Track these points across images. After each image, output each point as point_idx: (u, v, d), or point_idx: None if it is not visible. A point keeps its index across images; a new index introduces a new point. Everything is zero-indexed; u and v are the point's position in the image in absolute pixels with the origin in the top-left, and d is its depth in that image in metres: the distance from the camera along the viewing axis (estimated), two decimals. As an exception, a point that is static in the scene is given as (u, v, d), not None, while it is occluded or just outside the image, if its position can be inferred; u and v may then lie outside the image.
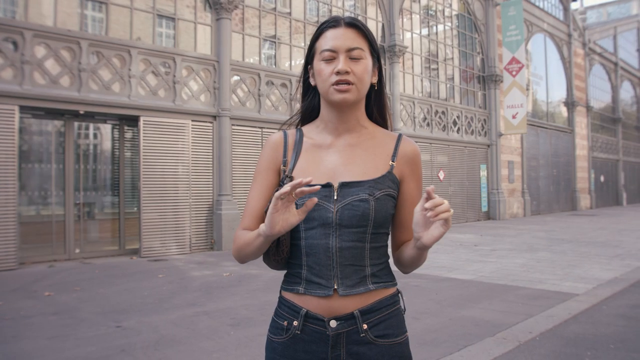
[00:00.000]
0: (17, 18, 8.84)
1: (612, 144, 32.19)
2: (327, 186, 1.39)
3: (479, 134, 19.76)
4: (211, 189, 11.17)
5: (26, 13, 8.88)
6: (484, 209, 19.68)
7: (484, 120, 20.14)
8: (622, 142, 33.47)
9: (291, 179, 1.43)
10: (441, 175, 17.48)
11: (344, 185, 1.39)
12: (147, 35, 10.56)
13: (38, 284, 7.21)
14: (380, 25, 15.96)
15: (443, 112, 18.13)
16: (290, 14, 13.39)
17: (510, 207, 20.71)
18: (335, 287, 1.36)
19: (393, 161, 1.45)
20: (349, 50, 1.39)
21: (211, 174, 11.17)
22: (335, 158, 1.45)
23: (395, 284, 1.47)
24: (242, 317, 5.42)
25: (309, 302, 1.39)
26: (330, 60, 1.39)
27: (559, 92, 26.26)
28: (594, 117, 29.63)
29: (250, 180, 11.36)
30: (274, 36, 13.10)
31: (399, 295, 1.48)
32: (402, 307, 1.48)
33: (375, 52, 1.46)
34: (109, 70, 9.74)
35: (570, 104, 26.59)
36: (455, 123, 18.61)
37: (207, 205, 11.09)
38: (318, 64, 1.42)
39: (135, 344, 4.47)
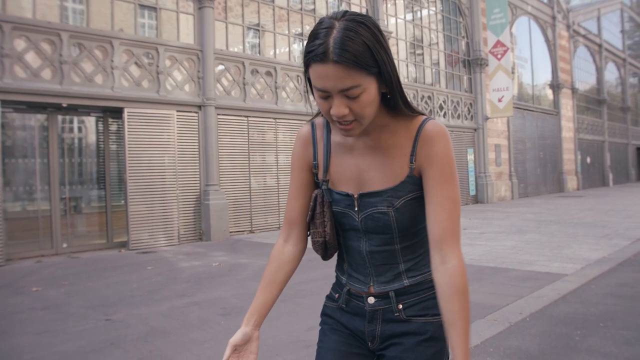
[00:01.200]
0: (-6, 10, 8.69)
1: (597, 126, 32.42)
2: (348, 196, 1.40)
3: (465, 118, 19.79)
4: (198, 179, 11.09)
5: (4, 6, 8.70)
6: (472, 192, 19.77)
7: (470, 104, 20.18)
8: (608, 124, 33.73)
9: (327, 182, 1.44)
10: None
11: (363, 196, 1.38)
12: (129, 25, 10.41)
13: (26, 280, 7.14)
14: (364, 11, 15.86)
15: (429, 97, 18.12)
16: (273, 1, 13.26)
17: (498, 190, 20.82)
18: (371, 284, 1.45)
19: (412, 162, 1.35)
20: (343, 90, 1.21)
21: (198, 164, 11.09)
22: (357, 162, 1.40)
23: None
24: (233, 306, 5.40)
25: (350, 285, 1.50)
26: (325, 97, 1.25)
27: (544, 75, 26.35)
28: (579, 99, 29.79)
29: (238, 170, 11.27)
30: (258, 24, 12.98)
31: None
32: None
33: (377, 68, 1.25)
34: (91, 62, 9.60)
35: (555, 86, 26.69)
36: (441, 108, 18.62)
37: (195, 196, 11.03)
38: (315, 90, 1.26)
39: (126, 337, 4.44)
